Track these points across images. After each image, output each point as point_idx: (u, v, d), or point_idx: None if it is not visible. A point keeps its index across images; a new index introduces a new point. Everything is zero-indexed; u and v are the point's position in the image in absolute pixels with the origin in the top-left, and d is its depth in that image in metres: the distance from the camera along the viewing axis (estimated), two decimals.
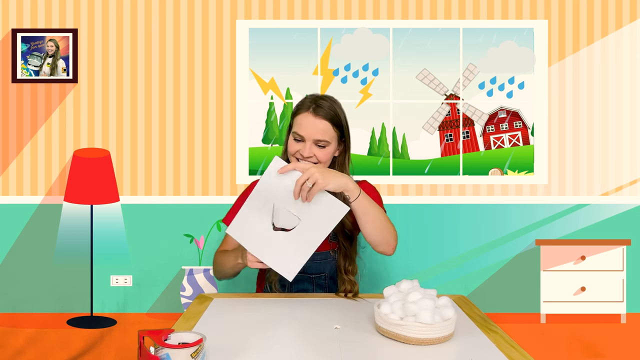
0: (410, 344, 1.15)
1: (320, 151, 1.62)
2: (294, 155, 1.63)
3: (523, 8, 2.55)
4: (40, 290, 2.53)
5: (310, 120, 1.60)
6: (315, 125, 1.60)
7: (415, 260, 2.55)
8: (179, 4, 2.55)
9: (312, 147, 1.61)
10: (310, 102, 1.63)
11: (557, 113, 2.56)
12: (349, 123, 1.76)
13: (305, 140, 1.61)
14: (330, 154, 1.65)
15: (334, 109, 1.64)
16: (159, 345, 0.99)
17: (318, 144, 1.61)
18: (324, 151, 1.63)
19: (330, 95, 1.73)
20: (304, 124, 1.61)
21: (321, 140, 1.61)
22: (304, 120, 1.61)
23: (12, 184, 2.54)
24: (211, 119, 2.55)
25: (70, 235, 2.53)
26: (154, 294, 2.54)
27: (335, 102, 1.67)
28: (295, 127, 1.63)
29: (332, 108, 1.64)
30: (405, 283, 1.29)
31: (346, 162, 1.71)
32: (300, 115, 1.63)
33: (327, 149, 1.63)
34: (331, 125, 1.62)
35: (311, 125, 1.60)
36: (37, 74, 2.54)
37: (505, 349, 1.14)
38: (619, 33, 2.55)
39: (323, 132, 1.61)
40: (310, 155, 1.60)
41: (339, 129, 1.65)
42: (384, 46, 2.57)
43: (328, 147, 1.63)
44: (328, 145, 1.63)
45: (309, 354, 1.12)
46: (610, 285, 2.54)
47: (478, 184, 2.56)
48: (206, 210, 2.54)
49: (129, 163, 2.55)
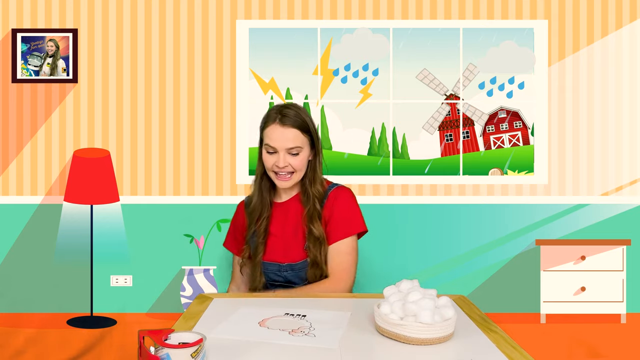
0: (410, 344, 1.15)
1: (294, 159, 1.67)
2: (271, 169, 1.69)
3: (523, 8, 2.55)
4: (40, 290, 2.53)
5: (278, 130, 1.65)
6: (284, 134, 1.64)
7: (415, 260, 2.55)
8: (179, 4, 2.55)
9: (285, 156, 1.66)
10: (276, 113, 1.68)
11: (557, 113, 2.56)
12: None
13: (278, 151, 1.65)
14: (304, 160, 1.70)
15: (299, 116, 1.68)
16: (159, 345, 0.99)
17: (291, 152, 1.66)
18: (298, 158, 1.68)
19: (294, 103, 1.79)
20: (273, 135, 1.65)
21: (293, 147, 1.66)
22: (273, 132, 1.66)
23: (12, 184, 2.54)
24: (211, 119, 2.55)
25: (70, 235, 2.53)
26: (154, 294, 2.54)
27: (300, 109, 1.72)
28: (266, 139, 1.68)
29: (298, 115, 1.68)
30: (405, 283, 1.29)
31: (317, 166, 1.75)
32: (269, 128, 1.67)
33: (301, 155, 1.68)
34: (300, 131, 1.66)
35: (280, 135, 1.64)
36: (37, 74, 2.53)
37: (505, 349, 1.14)
38: (619, 33, 2.55)
39: (293, 139, 1.65)
40: (285, 165, 1.65)
41: (308, 134, 1.70)
42: (384, 46, 2.57)
43: (301, 153, 1.68)
44: (301, 152, 1.68)
45: (309, 354, 1.12)
46: (610, 285, 2.54)
47: (478, 184, 2.56)
48: (206, 210, 2.54)
49: (129, 163, 2.55)
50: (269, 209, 1.76)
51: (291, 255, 1.72)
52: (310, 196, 1.71)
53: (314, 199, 1.70)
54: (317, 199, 1.70)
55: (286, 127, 1.65)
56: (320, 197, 1.71)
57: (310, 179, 1.72)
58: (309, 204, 1.70)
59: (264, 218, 1.75)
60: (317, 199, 1.71)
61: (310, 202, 1.71)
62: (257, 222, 1.75)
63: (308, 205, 1.70)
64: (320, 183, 1.73)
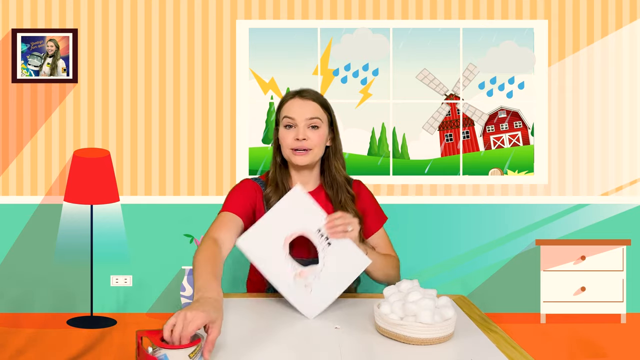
0: (410, 344, 1.15)
1: (313, 133, 1.60)
2: (290, 145, 1.61)
3: (523, 8, 2.55)
4: (40, 290, 2.53)
5: (297, 103, 1.60)
6: (304, 105, 1.60)
7: (415, 260, 2.55)
8: (179, 4, 2.55)
9: (305, 129, 1.59)
10: (294, 92, 1.64)
11: (557, 113, 2.56)
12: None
13: (297, 123, 1.59)
14: (323, 136, 1.63)
15: (318, 94, 1.65)
16: (156, 345, 0.98)
17: (311, 124, 1.60)
18: (318, 133, 1.61)
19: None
20: (293, 107, 1.60)
21: (313, 118, 1.59)
22: (292, 105, 1.61)
23: (12, 184, 2.54)
24: (211, 119, 2.55)
25: (70, 235, 2.53)
26: (154, 294, 2.54)
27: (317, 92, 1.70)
28: (285, 112, 1.62)
29: (317, 93, 1.65)
30: (405, 283, 1.29)
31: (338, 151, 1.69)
32: (287, 103, 1.62)
33: (320, 130, 1.62)
34: (319, 105, 1.62)
35: (300, 107, 1.60)
36: (37, 74, 2.53)
37: (505, 349, 1.14)
38: (619, 33, 2.55)
39: (313, 110, 1.60)
40: (304, 138, 1.59)
41: (327, 112, 1.64)
42: (384, 46, 2.57)
43: (321, 127, 1.62)
44: (321, 126, 1.62)
45: (309, 354, 1.12)
46: (610, 285, 2.54)
47: (478, 184, 2.56)
48: (206, 210, 2.54)
49: (129, 163, 2.55)
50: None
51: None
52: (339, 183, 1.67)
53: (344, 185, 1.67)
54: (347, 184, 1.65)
55: (306, 100, 1.61)
56: (350, 182, 1.67)
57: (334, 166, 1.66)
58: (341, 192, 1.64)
59: None
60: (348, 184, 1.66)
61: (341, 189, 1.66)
62: None
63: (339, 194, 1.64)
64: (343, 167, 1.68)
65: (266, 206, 1.66)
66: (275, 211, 1.44)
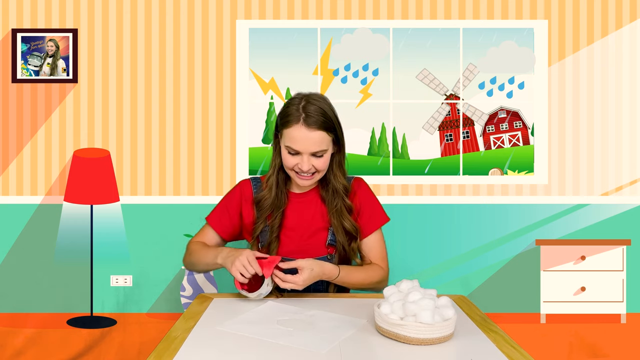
0: (410, 344, 1.15)
1: (318, 161, 1.56)
2: (293, 168, 1.58)
3: (523, 8, 2.55)
4: (40, 290, 2.53)
5: (303, 133, 1.52)
6: (309, 138, 1.52)
7: (415, 260, 2.55)
8: (179, 4, 2.55)
9: (309, 159, 1.55)
10: (299, 111, 1.54)
11: (557, 113, 2.56)
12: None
13: (301, 154, 1.55)
14: (327, 159, 1.59)
15: (324, 113, 1.55)
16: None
17: (315, 155, 1.56)
18: (322, 160, 1.57)
19: (317, 93, 1.62)
20: (298, 138, 1.53)
21: (318, 151, 1.55)
22: (297, 134, 1.53)
23: (12, 184, 2.54)
24: (211, 119, 2.55)
25: (70, 235, 2.53)
26: (154, 294, 2.54)
27: (324, 102, 1.59)
28: (288, 140, 1.55)
29: (322, 113, 1.55)
30: (405, 283, 1.29)
31: (342, 160, 1.67)
32: (291, 128, 1.54)
33: (325, 156, 1.59)
34: (325, 133, 1.55)
35: (304, 139, 1.53)
36: (37, 74, 2.54)
37: (505, 349, 1.14)
38: (619, 33, 2.55)
39: (319, 143, 1.54)
40: (309, 168, 1.57)
41: (333, 133, 1.58)
42: (384, 46, 2.57)
43: (325, 154, 1.59)
44: (325, 153, 1.59)
45: (309, 354, 1.12)
46: (610, 285, 2.54)
47: (478, 184, 2.56)
48: (206, 210, 2.53)
49: (129, 163, 2.55)
50: (285, 203, 1.65)
51: (310, 251, 1.63)
52: (337, 191, 1.63)
53: (342, 193, 1.63)
54: (344, 193, 1.63)
55: (311, 130, 1.52)
56: (347, 192, 1.64)
57: (335, 174, 1.63)
58: (337, 198, 1.63)
59: (278, 212, 1.64)
60: (345, 193, 1.63)
61: (337, 196, 1.64)
62: (268, 218, 1.65)
63: (335, 200, 1.62)
64: (344, 176, 1.65)
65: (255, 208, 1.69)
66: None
